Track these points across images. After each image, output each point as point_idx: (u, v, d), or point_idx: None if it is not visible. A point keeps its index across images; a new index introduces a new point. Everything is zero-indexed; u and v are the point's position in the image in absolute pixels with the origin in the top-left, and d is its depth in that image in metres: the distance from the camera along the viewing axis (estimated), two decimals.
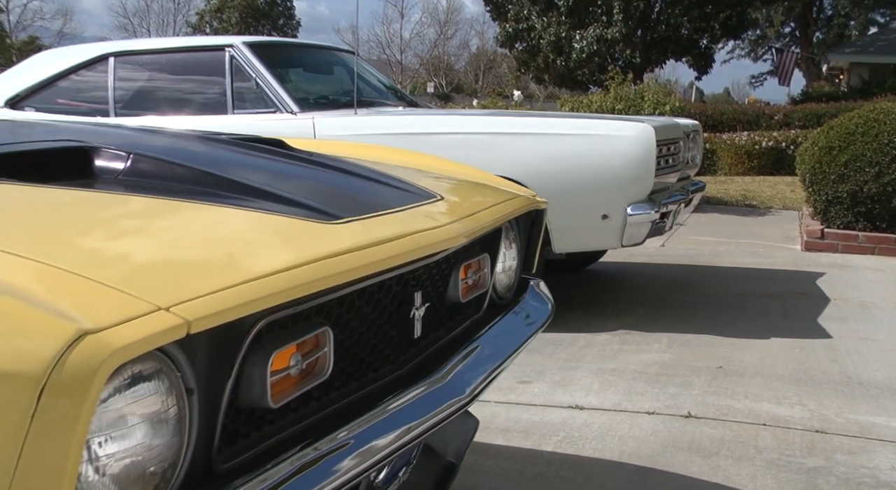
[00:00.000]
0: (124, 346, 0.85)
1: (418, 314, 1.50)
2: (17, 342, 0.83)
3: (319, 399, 1.30)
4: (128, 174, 1.38)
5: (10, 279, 0.90)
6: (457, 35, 38.26)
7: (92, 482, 0.90)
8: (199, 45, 4.84)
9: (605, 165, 3.85)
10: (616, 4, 17.91)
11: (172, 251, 1.09)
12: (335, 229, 1.28)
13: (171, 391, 0.98)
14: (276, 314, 1.09)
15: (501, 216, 1.75)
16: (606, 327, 4.14)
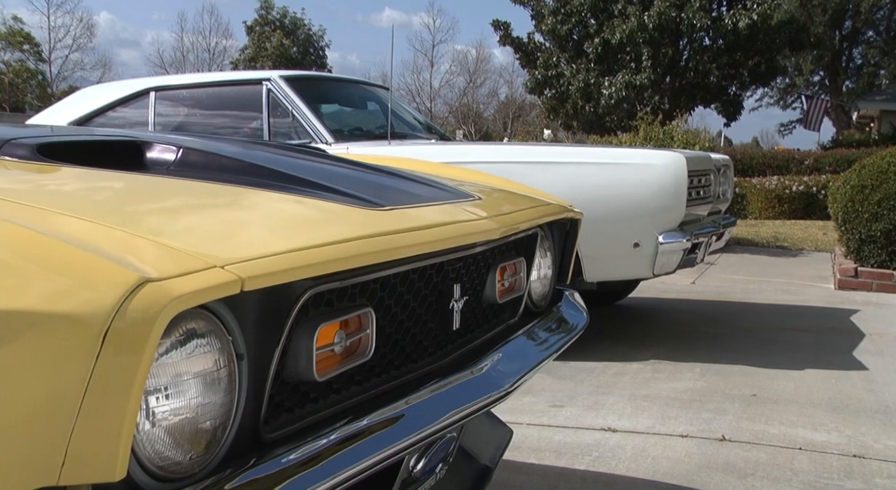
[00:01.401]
0: (183, 295, 0.88)
1: (457, 306, 1.52)
2: (85, 289, 0.87)
3: (360, 384, 1.32)
4: (178, 165, 1.44)
5: (81, 236, 0.94)
6: (486, 84, 38.70)
7: (147, 431, 0.93)
8: (238, 79, 4.97)
9: (636, 194, 3.87)
10: (645, 51, 18.08)
11: (227, 223, 1.14)
12: (379, 214, 1.32)
13: (222, 353, 1.01)
14: (322, 285, 1.12)
15: (537, 217, 1.78)
16: (638, 357, 4.12)
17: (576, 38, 19.40)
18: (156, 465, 0.94)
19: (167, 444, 0.96)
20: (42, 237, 0.93)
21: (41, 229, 0.94)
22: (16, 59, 33.75)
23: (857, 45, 35.12)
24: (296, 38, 30.05)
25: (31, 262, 0.89)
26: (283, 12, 30.51)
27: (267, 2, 30.56)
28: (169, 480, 0.96)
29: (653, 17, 17.40)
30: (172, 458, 0.96)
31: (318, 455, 1.11)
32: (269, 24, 30.76)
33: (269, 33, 29.47)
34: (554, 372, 3.79)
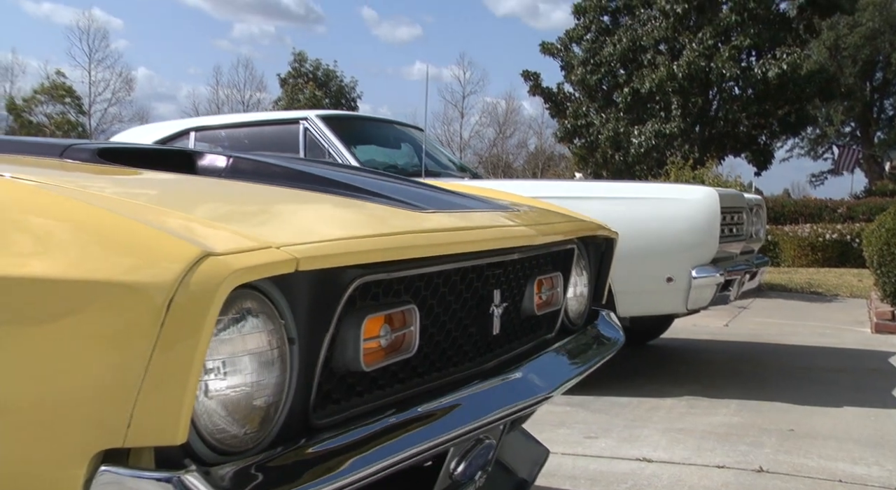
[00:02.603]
0: (242, 268, 0.93)
1: (497, 312, 1.55)
2: (151, 262, 0.92)
3: (403, 381, 1.35)
4: (230, 172, 1.49)
5: (145, 217, 1.00)
6: (515, 134, 38.99)
7: (206, 403, 0.97)
8: (275, 118, 5.10)
9: (669, 228, 3.89)
10: (674, 100, 18.19)
11: (280, 215, 1.19)
12: (423, 215, 1.37)
13: (275, 335, 1.05)
14: (370, 276, 1.16)
15: (574, 229, 1.81)
16: (672, 393, 4.09)
17: (605, 88, 19.59)
18: (214, 436, 0.98)
19: (223, 418, 1.00)
20: (110, 214, 0.98)
21: (108, 208, 1.00)
22: (57, 112, 34.71)
23: (888, 96, 35.05)
24: (328, 90, 30.62)
25: (100, 237, 0.95)
26: (316, 64, 31.17)
27: (300, 54, 31.26)
28: (225, 453, 0.99)
29: (682, 67, 17.54)
30: (229, 431, 1.00)
31: (367, 440, 1.14)
32: (302, 76, 31.41)
33: (302, 85, 30.07)
34: (587, 405, 3.77)
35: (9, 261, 0.93)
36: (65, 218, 0.97)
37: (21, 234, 0.97)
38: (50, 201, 1.00)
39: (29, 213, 0.99)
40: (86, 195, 1.06)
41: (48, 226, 0.97)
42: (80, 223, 0.96)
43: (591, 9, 19.54)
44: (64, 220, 0.97)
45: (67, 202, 1.00)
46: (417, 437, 1.21)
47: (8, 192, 1.02)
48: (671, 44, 18.51)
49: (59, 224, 0.97)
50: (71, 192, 1.04)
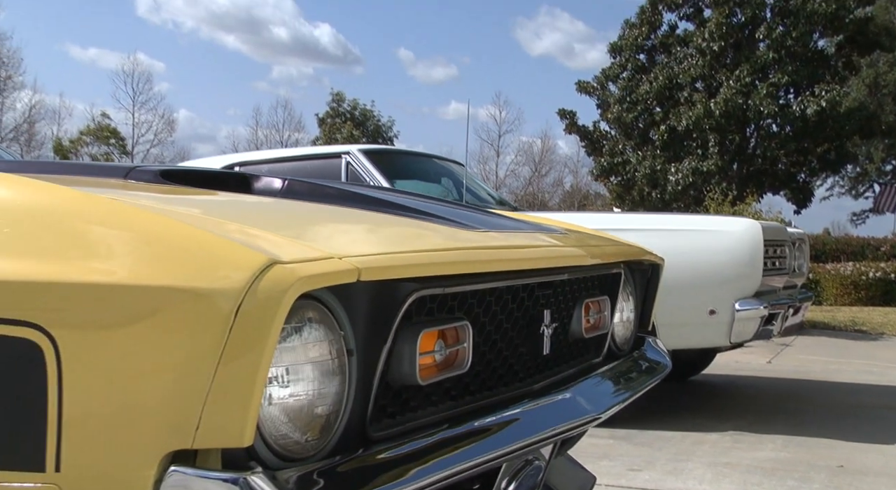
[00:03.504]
0: (307, 276, 0.96)
1: (547, 332, 1.56)
2: (220, 269, 0.95)
3: (456, 399, 1.36)
4: (285, 193, 1.54)
5: (213, 228, 1.03)
6: (551, 173, 39.03)
7: (270, 409, 0.99)
8: (318, 153, 5.19)
9: (712, 260, 3.87)
10: (711, 137, 18.13)
11: (339, 230, 1.22)
12: (476, 234, 1.39)
13: (335, 345, 1.08)
14: (426, 290, 1.18)
15: (621, 253, 1.83)
16: (716, 428, 4.03)
17: (642, 126, 19.58)
18: (277, 442, 1.00)
19: (286, 424, 1.02)
20: (179, 224, 1.02)
21: (177, 219, 1.03)
22: (102, 153, 35.52)
23: None
24: (365, 129, 31.01)
25: (170, 246, 0.98)
26: (354, 104, 31.61)
27: (339, 94, 31.73)
28: (287, 459, 1.01)
29: (719, 104, 17.50)
30: (291, 437, 1.02)
31: (424, 452, 1.15)
32: (339, 115, 31.85)
33: (340, 125, 30.48)
34: (631, 439, 3.74)
35: (82, 268, 0.97)
36: (137, 227, 1.01)
37: (94, 242, 1.01)
38: (121, 211, 1.04)
39: (101, 223, 1.02)
40: (156, 207, 1.09)
41: (120, 234, 1.01)
42: (152, 232, 1.00)
43: (627, 47, 19.63)
44: (136, 230, 1.00)
45: (139, 212, 1.04)
46: (473, 450, 1.22)
47: (80, 202, 1.06)
48: (708, 81, 18.51)
49: (131, 233, 1.00)
50: (141, 204, 1.08)
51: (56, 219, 1.03)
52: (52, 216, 1.03)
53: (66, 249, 1.00)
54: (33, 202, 1.05)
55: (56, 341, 0.93)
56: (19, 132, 31.00)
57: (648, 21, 19.55)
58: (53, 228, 1.02)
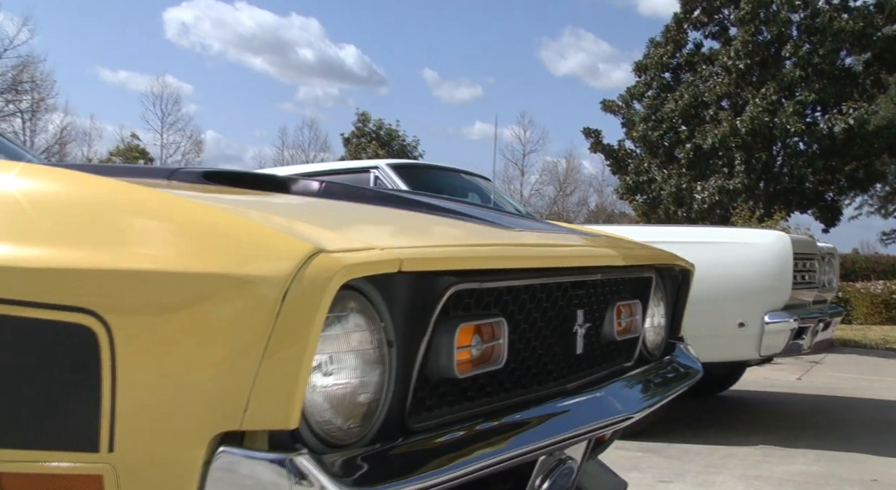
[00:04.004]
0: (351, 264, 0.99)
1: (580, 332, 1.58)
2: (268, 256, 0.98)
3: (491, 395, 1.38)
4: (322, 194, 1.57)
5: (260, 220, 1.07)
6: (575, 192, 38.97)
7: (314, 395, 1.02)
8: (347, 167, 5.24)
9: (741, 273, 3.86)
10: (737, 156, 18.04)
11: (379, 226, 1.25)
12: (512, 232, 1.42)
13: (375, 335, 1.10)
14: (463, 284, 1.20)
15: (652, 257, 1.84)
16: (746, 442, 4.00)
17: (667, 144, 19.52)
18: (321, 427, 1.02)
19: (328, 411, 1.04)
20: (227, 214, 1.05)
21: (226, 210, 1.07)
22: None
23: None
24: (390, 149, 31.17)
25: (219, 235, 1.02)
26: (379, 124, 31.79)
27: (364, 115, 31.92)
28: (330, 445, 1.03)
29: (745, 122, 17.43)
30: (334, 424, 1.04)
31: (463, 442, 1.17)
32: (365, 135, 32.05)
33: (365, 144, 30.66)
34: (660, 452, 3.72)
35: (134, 256, 1.00)
36: (186, 217, 1.04)
37: (145, 231, 1.05)
38: (171, 202, 1.08)
39: (152, 213, 1.06)
40: (204, 200, 1.13)
41: (170, 224, 1.04)
42: (201, 222, 1.03)
43: (653, 66, 19.64)
44: (185, 220, 1.04)
45: (189, 203, 1.08)
46: (511, 443, 1.24)
47: (131, 194, 1.09)
48: (734, 99, 18.45)
49: (181, 222, 1.04)
50: (189, 197, 1.11)
51: (109, 210, 1.07)
52: (105, 207, 1.07)
53: (118, 238, 1.03)
54: (87, 195, 1.09)
55: (110, 326, 0.96)
56: (51, 153, 31.49)
57: (674, 40, 19.55)
58: (106, 219, 1.06)
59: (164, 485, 0.95)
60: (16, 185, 1.11)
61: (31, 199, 1.09)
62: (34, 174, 1.15)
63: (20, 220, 1.06)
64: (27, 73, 20.25)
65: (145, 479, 0.96)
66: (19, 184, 1.11)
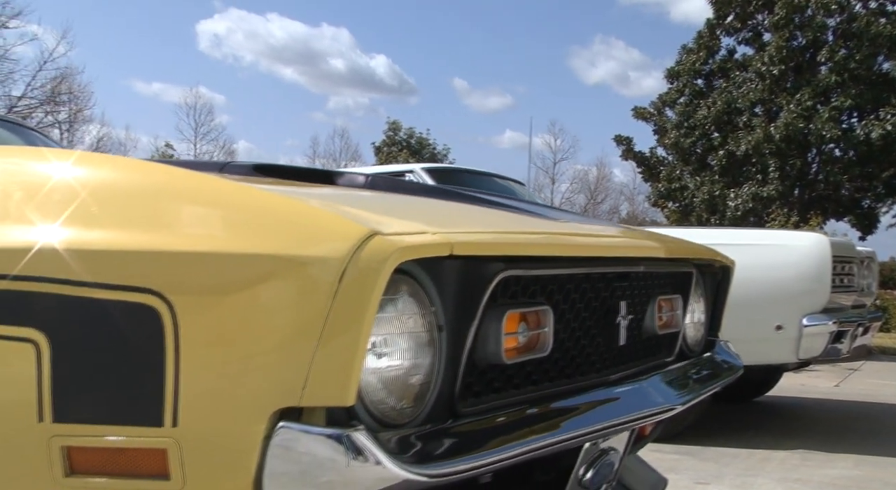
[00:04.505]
0: (406, 247, 1.01)
1: (623, 323, 1.59)
2: (326, 238, 1.01)
3: (536, 384, 1.40)
4: (368, 186, 1.60)
5: (317, 204, 1.10)
6: (606, 201, 38.79)
7: (369, 375, 1.04)
8: (382, 171, 5.29)
9: (778, 275, 3.84)
10: (772, 162, 17.86)
11: (429, 213, 1.28)
12: (556, 223, 1.44)
13: (426, 319, 1.13)
14: (511, 271, 1.23)
15: (694, 250, 1.85)
16: (784, 446, 3.97)
17: (699, 151, 19.38)
18: (375, 406, 1.05)
19: (382, 391, 1.07)
20: (285, 199, 1.08)
21: (283, 195, 1.10)
22: None
23: None
24: (421, 157, 31.27)
25: (278, 217, 1.05)
26: (410, 133, 31.93)
27: (395, 123, 32.07)
28: (383, 424, 1.06)
29: (779, 129, 17.25)
30: (388, 403, 1.07)
31: (513, 425, 1.20)
32: (395, 144, 32.18)
33: (396, 153, 30.79)
34: (696, 454, 3.70)
35: (196, 238, 1.04)
36: (246, 201, 1.08)
37: (206, 215, 1.08)
38: (231, 187, 1.12)
39: (212, 198, 1.10)
40: (260, 188, 1.16)
41: (230, 208, 1.08)
42: (260, 206, 1.07)
43: (685, 72, 19.51)
44: (245, 204, 1.07)
45: (247, 188, 1.11)
46: (561, 427, 1.26)
47: (192, 180, 1.13)
48: (768, 105, 18.26)
49: (240, 206, 1.07)
50: (247, 183, 1.15)
51: (171, 195, 1.11)
52: (167, 193, 1.11)
53: (180, 222, 1.07)
54: (150, 181, 1.13)
55: (173, 306, 1.00)
56: None
57: (706, 46, 19.42)
58: (169, 203, 1.10)
59: (226, 458, 0.98)
60: (80, 172, 1.15)
61: (96, 185, 1.13)
62: (97, 162, 1.19)
63: (87, 206, 1.10)
64: (65, 85, 20.61)
65: (207, 453, 0.99)
66: (83, 171, 1.15)
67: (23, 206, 1.12)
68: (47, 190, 1.12)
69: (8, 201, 1.13)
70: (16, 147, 1.90)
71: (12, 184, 1.16)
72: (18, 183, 1.16)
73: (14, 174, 1.19)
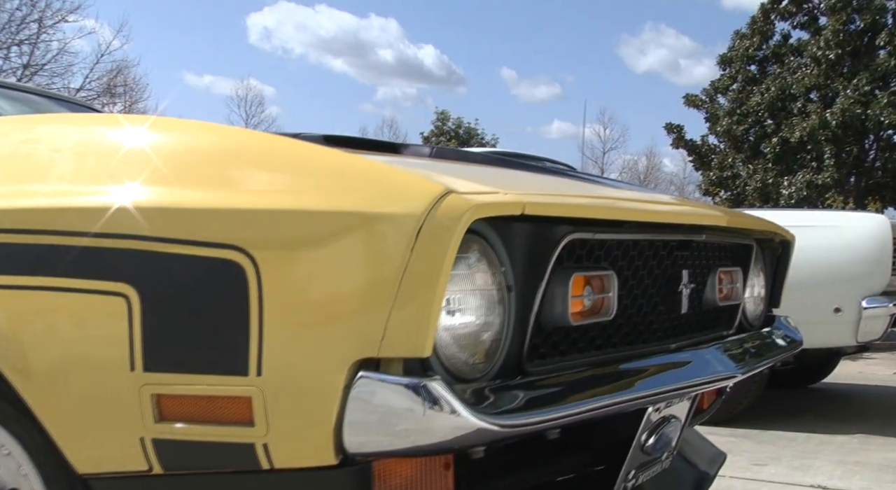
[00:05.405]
0: (480, 204, 1.05)
1: (685, 292, 1.61)
2: (404, 196, 1.05)
3: (600, 348, 1.42)
4: (435, 155, 1.64)
5: (405, 168, 1.13)
6: (656, 190, 38.32)
7: (442, 330, 1.08)
8: None
9: (837, 257, 3.78)
10: (827, 149, 17.50)
11: (499, 178, 1.31)
12: (620, 190, 1.46)
13: (496, 278, 1.16)
14: (578, 234, 1.25)
15: (754, 222, 1.85)
16: (842, 430, 3.92)
17: (752, 139, 19.08)
18: (449, 360, 1.09)
19: (455, 346, 1.10)
20: (364, 159, 1.12)
21: (361, 156, 1.14)
22: None
23: None
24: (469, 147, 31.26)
25: (358, 176, 1.09)
26: (458, 123, 31.92)
27: (443, 113, 32.09)
28: (456, 378, 1.09)
29: (835, 115, 16.89)
30: (460, 358, 1.10)
31: (582, 384, 1.22)
32: (444, 134, 32.20)
33: (445, 143, 30.82)
34: (753, 437, 3.68)
35: (278, 196, 1.08)
36: (325, 161, 1.12)
37: (287, 174, 1.13)
38: (310, 148, 1.16)
39: (292, 158, 1.14)
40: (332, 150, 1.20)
41: (310, 167, 1.12)
42: (339, 164, 1.11)
43: (738, 58, 19.20)
44: (324, 163, 1.12)
45: (325, 149, 1.15)
46: (631, 387, 1.30)
47: (271, 142, 1.18)
48: (823, 91, 17.90)
49: (320, 166, 1.12)
50: (325, 146, 1.19)
51: (253, 155, 1.15)
52: (249, 153, 1.16)
53: (262, 181, 1.12)
54: (233, 143, 1.18)
55: (256, 261, 1.04)
56: None
57: (760, 31, 19.08)
58: (251, 163, 1.14)
59: (307, 407, 1.02)
60: (167, 136, 1.21)
61: (183, 148, 1.18)
62: (182, 127, 1.24)
63: (175, 168, 1.15)
64: (121, 78, 21.02)
65: (290, 402, 1.03)
66: (170, 136, 1.21)
67: (115, 169, 1.17)
68: (138, 154, 1.18)
69: (101, 164, 1.19)
70: (108, 115, 1.98)
71: (106, 148, 1.22)
72: (111, 148, 1.22)
73: (108, 139, 1.25)
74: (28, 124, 1.55)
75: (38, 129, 1.40)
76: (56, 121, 1.58)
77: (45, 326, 1.12)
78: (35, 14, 18.34)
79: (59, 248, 1.11)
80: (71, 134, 1.32)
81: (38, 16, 18.36)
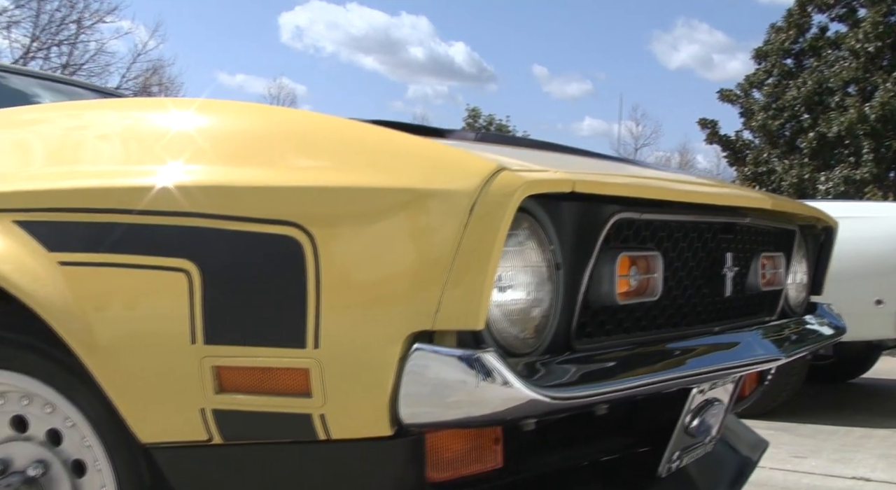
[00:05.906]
0: (532, 181, 1.07)
1: (729, 275, 1.61)
2: (457, 173, 1.07)
3: (645, 329, 1.44)
4: (480, 139, 1.66)
5: (460, 149, 1.16)
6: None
7: (494, 304, 1.10)
8: None
9: (878, 248, 3.75)
10: (865, 144, 17.24)
11: (547, 158, 1.33)
12: (665, 173, 1.47)
13: (545, 255, 1.18)
14: (625, 214, 1.26)
15: (797, 207, 1.85)
16: (884, 425, 3.88)
17: (788, 134, 18.86)
18: (500, 334, 1.11)
19: (506, 320, 1.12)
20: (417, 138, 1.15)
21: (413, 135, 1.17)
22: None
23: None
24: None
25: (412, 154, 1.12)
26: (490, 119, 31.91)
27: (475, 110, 32.10)
28: (507, 352, 1.11)
29: (875, 108, 16.63)
30: (511, 332, 1.13)
31: (630, 361, 1.24)
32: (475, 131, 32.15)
33: None
34: (792, 431, 3.66)
35: (334, 174, 1.11)
36: (380, 140, 1.15)
37: (344, 152, 1.16)
38: (365, 128, 1.19)
39: (348, 137, 1.17)
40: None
41: (366, 145, 1.15)
42: (394, 143, 1.14)
43: (773, 52, 18.97)
44: (380, 142, 1.15)
45: (378, 128, 1.18)
46: (680, 365, 1.31)
47: (325, 121, 1.21)
48: (862, 85, 17.62)
49: (374, 144, 1.15)
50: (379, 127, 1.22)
51: (308, 135, 1.18)
52: (304, 133, 1.19)
53: (319, 159, 1.15)
54: (290, 124, 1.21)
55: (313, 237, 1.07)
56: None
57: (796, 24, 18.84)
58: (306, 143, 1.18)
59: (364, 378, 1.05)
60: (226, 118, 1.24)
61: (241, 129, 1.22)
62: (240, 109, 1.28)
63: (233, 148, 1.18)
64: (156, 77, 21.37)
65: (346, 374, 1.06)
66: (228, 117, 1.24)
67: (177, 149, 1.21)
68: (198, 134, 1.22)
69: (164, 145, 1.23)
70: (171, 99, 2.03)
71: (167, 129, 1.26)
72: (174, 129, 1.26)
73: (169, 121, 1.29)
74: (82, 110, 1.60)
75: (99, 114, 1.45)
76: (117, 107, 1.62)
77: (109, 301, 1.16)
78: (74, 15, 18.66)
79: (122, 226, 1.15)
80: (132, 117, 1.36)
81: (77, 17, 18.68)
